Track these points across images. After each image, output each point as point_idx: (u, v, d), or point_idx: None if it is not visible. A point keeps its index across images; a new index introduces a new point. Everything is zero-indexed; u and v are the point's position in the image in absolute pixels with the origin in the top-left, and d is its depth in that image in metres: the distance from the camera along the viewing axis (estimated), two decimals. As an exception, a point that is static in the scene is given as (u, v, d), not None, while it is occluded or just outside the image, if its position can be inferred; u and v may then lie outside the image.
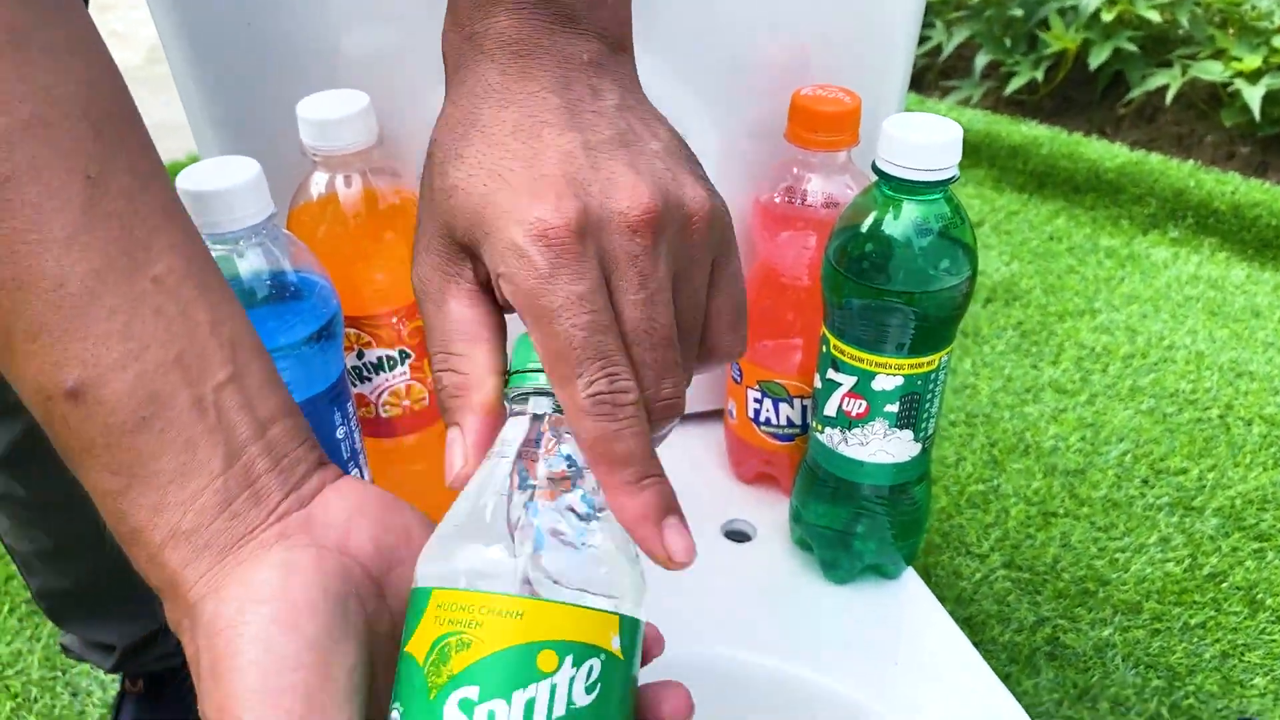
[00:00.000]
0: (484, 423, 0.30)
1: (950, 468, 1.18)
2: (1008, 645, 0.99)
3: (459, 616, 0.26)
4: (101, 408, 0.27)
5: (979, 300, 1.45)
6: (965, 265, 0.46)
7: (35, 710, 0.93)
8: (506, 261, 0.28)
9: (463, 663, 0.26)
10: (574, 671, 0.26)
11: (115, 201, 0.28)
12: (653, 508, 0.28)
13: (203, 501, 0.28)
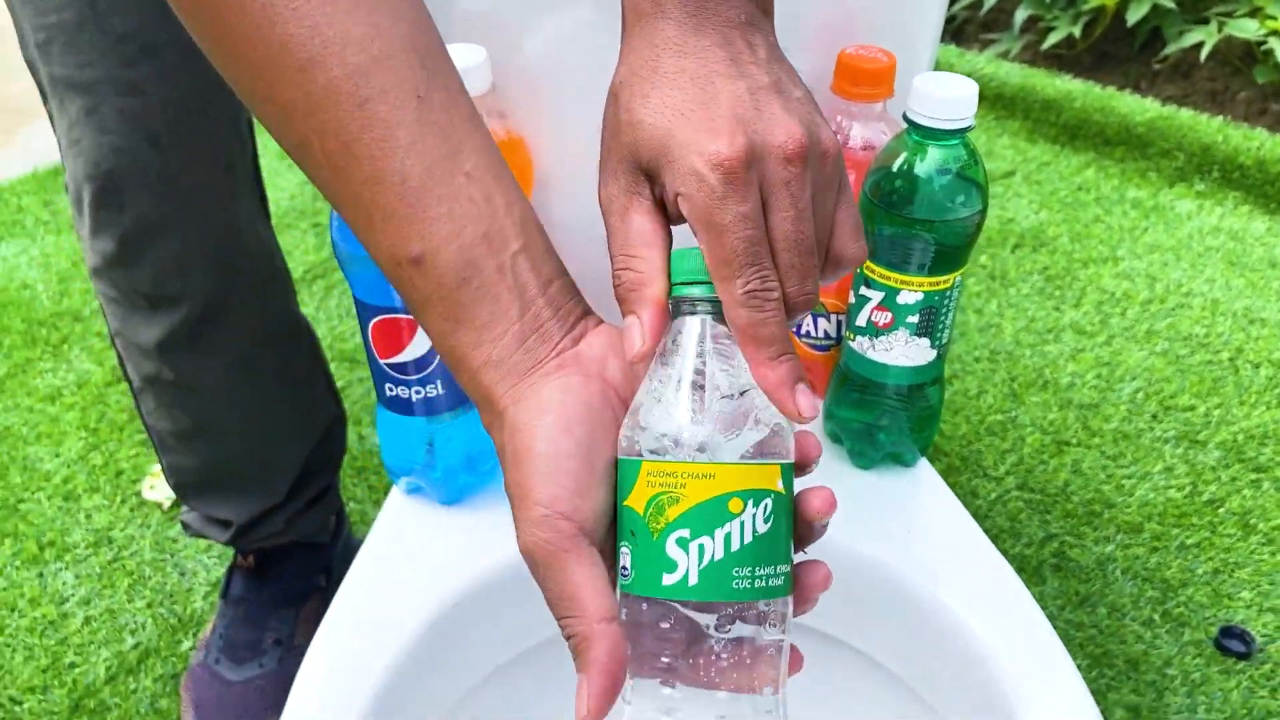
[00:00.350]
0: (657, 312, 0.38)
1: (973, 399, 1.28)
2: (1017, 557, 1.09)
3: (666, 480, 0.36)
4: (435, 272, 0.38)
5: (1008, 246, 1.53)
6: (978, 200, 0.56)
7: (149, 586, 1.06)
8: (687, 184, 0.37)
9: (675, 513, 0.36)
10: (755, 510, 0.37)
11: (437, 114, 0.37)
12: (788, 377, 0.37)
13: (506, 339, 0.38)
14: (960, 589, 0.57)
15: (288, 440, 0.86)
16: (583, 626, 0.36)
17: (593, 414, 0.38)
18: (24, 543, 1.10)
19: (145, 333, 0.76)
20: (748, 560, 0.36)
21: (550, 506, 0.36)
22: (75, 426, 1.23)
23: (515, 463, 0.37)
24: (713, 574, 0.36)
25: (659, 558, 0.36)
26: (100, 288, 0.76)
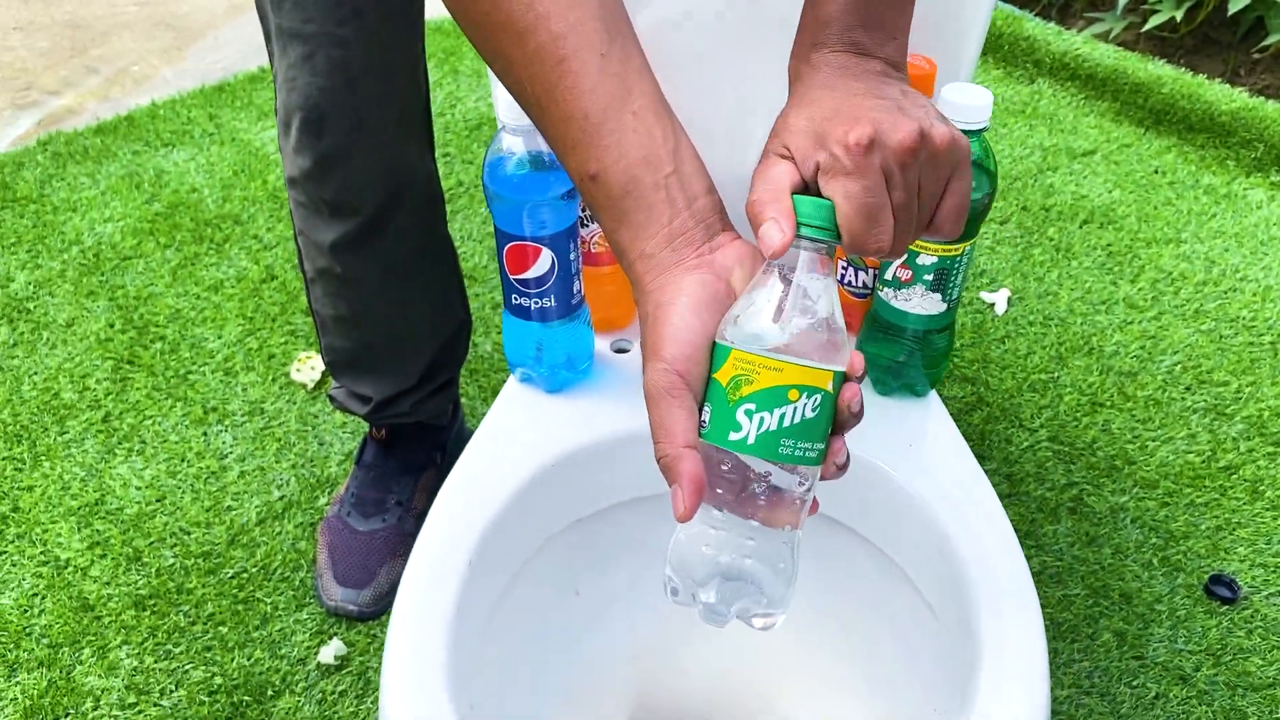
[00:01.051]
0: (789, 219, 0.49)
1: (1021, 358, 1.41)
2: (1038, 498, 1.23)
3: (745, 366, 0.50)
4: (606, 185, 0.51)
5: (1077, 221, 1.64)
6: (986, 186, 0.70)
7: (293, 451, 1.27)
8: (825, 159, 0.51)
9: (747, 390, 0.50)
10: (807, 400, 0.50)
11: (615, 67, 0.51)
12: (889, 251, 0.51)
13: (657, 239, 0.51)
14: (941, 492, 0.73)
15: (423, 335, 1.05)
16: (673, 450, 0.49)
17: (715, 304, 0.50)
18: (191, 407, 1.31)
19: (323, 234, 0.95)
20: (793, 435, 0.50)
21: (670, 363, 0.49)
22: (234, 315, 1.44)
23: (653, 328, 0.50)
24: (766, 439, 0.50)
25: (730, 420, 0.50)
26: (293, 194, 0.95)
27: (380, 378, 1.06)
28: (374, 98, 0.87)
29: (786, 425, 0.49)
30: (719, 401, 0.50)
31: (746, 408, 0.49)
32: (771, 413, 0.49)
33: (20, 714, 1.01)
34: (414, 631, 0.65)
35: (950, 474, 0.74)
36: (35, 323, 1.42)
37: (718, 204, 0.54)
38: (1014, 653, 0.64)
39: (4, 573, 1.13)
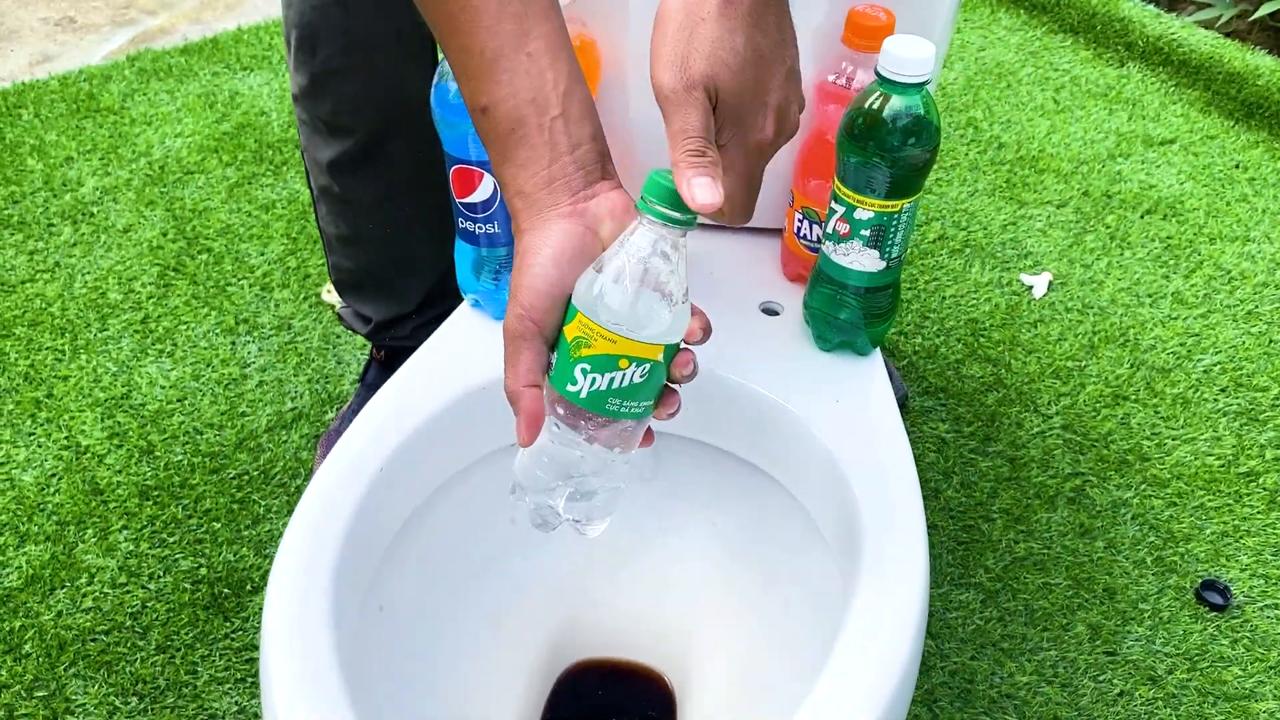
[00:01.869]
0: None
1: (1050, 344, 1.37)
2: (1038, 484, 1.20)
3: (585, 331, 0.53)
4: (494, 120, 0.54)
5: (1139, 210, 1.57)
6: (928, 141, 0.69)
7: (312, 367, 1.32)
8: (733, 140, 0.56)
9: (585, 353, 0.53)
10: (636, 369, 0.53)
11: (515, 7, 0.53)
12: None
13: (536, 180, 0.53)
14: (854, 451, 0.72)
15: (422, 261, 1.07)
16: (515, 387, 0.54)
17: (578, 257, 0.54)
18: (224, 317, 1.38)
19: (323, 152, 0.98)
20: (621, 396, 0.54)
21: (527, 310, 0.53)
22: (280, 234, 1.50)
23: (518, 271, 0.54)
24: (596, 397, 0.54)
25: (569, 373, 0.54)
26: (297, 111, 0.98)
27: (380, 300, 1.09)
28: (367, 18, 0.89)
29: (615, 388, 0.53)
30: (563, 355, 0.54)
31: (582, 366, 0.53)
32: (603, 375, 0.53)
33: (22, 581, 1.09)
34: (311, 528, 0.68)
35: (868, 435, 0.73)
36: (96, 226, 1.50)
37: (602, 152, 0.56)
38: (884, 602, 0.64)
39: (30, 452, 1.21)
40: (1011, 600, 1.09)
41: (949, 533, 1.15)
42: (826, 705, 0.59)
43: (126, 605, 1.07)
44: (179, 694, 1.00)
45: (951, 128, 1.73)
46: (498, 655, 0.81)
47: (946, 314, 1.41)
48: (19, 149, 1.63)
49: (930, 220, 1.55)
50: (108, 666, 1.02)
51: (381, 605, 0.74)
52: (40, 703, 0.99)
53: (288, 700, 0.58)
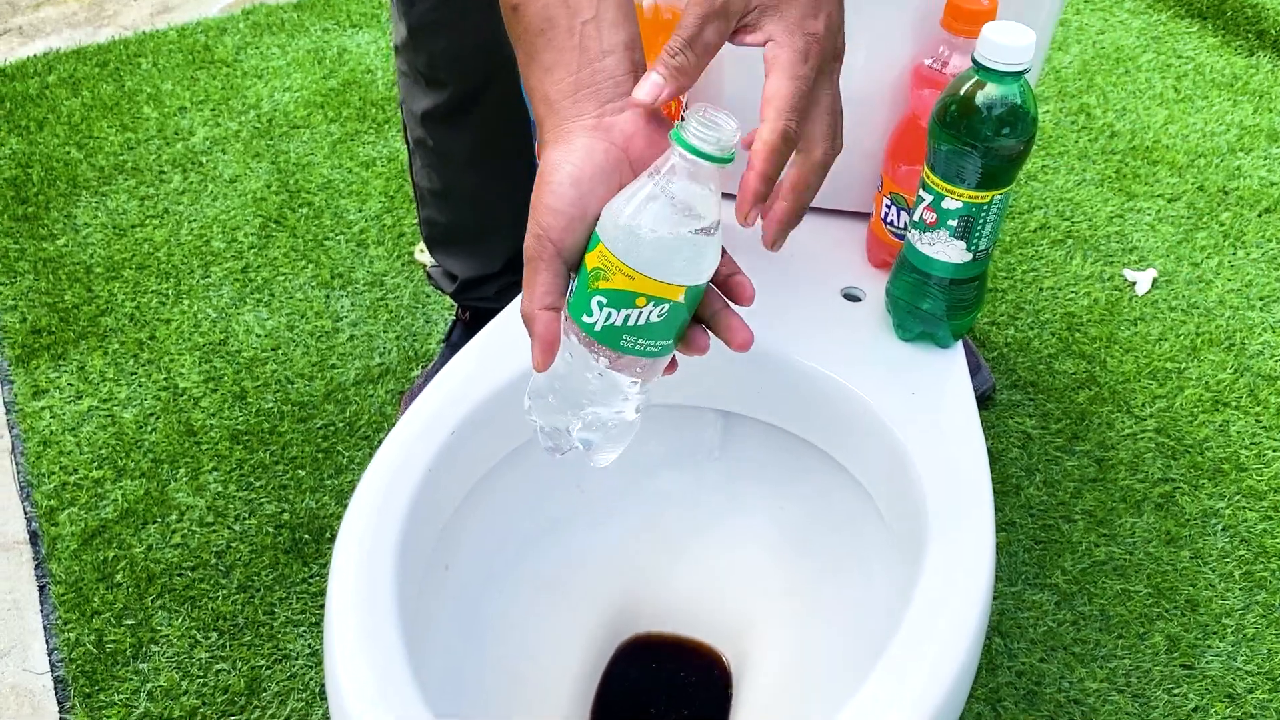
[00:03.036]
0: (677, 83, 0.50)
1: (1150, 343, 1.32)
2: (1125, 487, 1.17)
3: (605, 262, 0.51)
4: (524, 20, 0.51)
5: (1256, 208, 1.51)
6: (1023, 133, 0.67)
7: (401, 324, 1.34)
8: (788, 41, 0.51)
9: (602, 285, 0.51)
10: (654, 309, 0.51)
11: None
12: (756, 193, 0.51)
13: (562, 85, 0.51)
14: (926, 444, 0.71)
15: (507, 221, 1.08)
16: (530, 310, 0.52)
17: (601, 176, 0.50)
18: (320, 270, 1.41)
19: (419, 103, 1.00)
20: (637, 334, 0.52)
21: (544, 230, 0.51)
22: (378, 192, 1.53)
23: (538, 188, 0.51)
24: (610, 332, 0.52)
25: (585, 304, 0.52)
26: (397, 62, 1.00)
27: (466, 258, 1.11)
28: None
29: (631, 325, 0.52)
30: (581, 283, 0.52)
31: (599, 299, 0.51)
32: (618, 311, 0.51)
33: (118, 513, 1.14)
34: (384, 483, 0.69)
35: (942, 430, 0.72)
36: (204, 175, 1.55)
37: (636, 62, 0.53)
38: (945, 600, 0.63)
39: (131, 390, 1.26)
40: (1088, 604, 1.07)
41: (1027, 531, 1.13)
42: (877, 698, 0.58)
43: (212, 544, 1.11)
44: (256, 633, 1.04)
45: (1063, 114, 1.67)
46: (557, 623, 0.82)
47: (1042, 306, 1.37)
48: (136, 97, 1.69)
49: (1033, 209, 1.51)
50: (191, 601, 1.06)
51: (448, 564, 0.76)
52: (128, 630, 1.04)
53: (347, 642, 0.60)
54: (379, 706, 0.58)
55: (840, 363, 0.76)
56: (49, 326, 1.33)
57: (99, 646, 1.03)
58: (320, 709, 0.99)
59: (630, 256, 0.50)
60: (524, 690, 0.78)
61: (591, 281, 0.52)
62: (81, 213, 1.49)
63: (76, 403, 1.25)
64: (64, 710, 0.99)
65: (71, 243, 1.45)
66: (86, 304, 1.36)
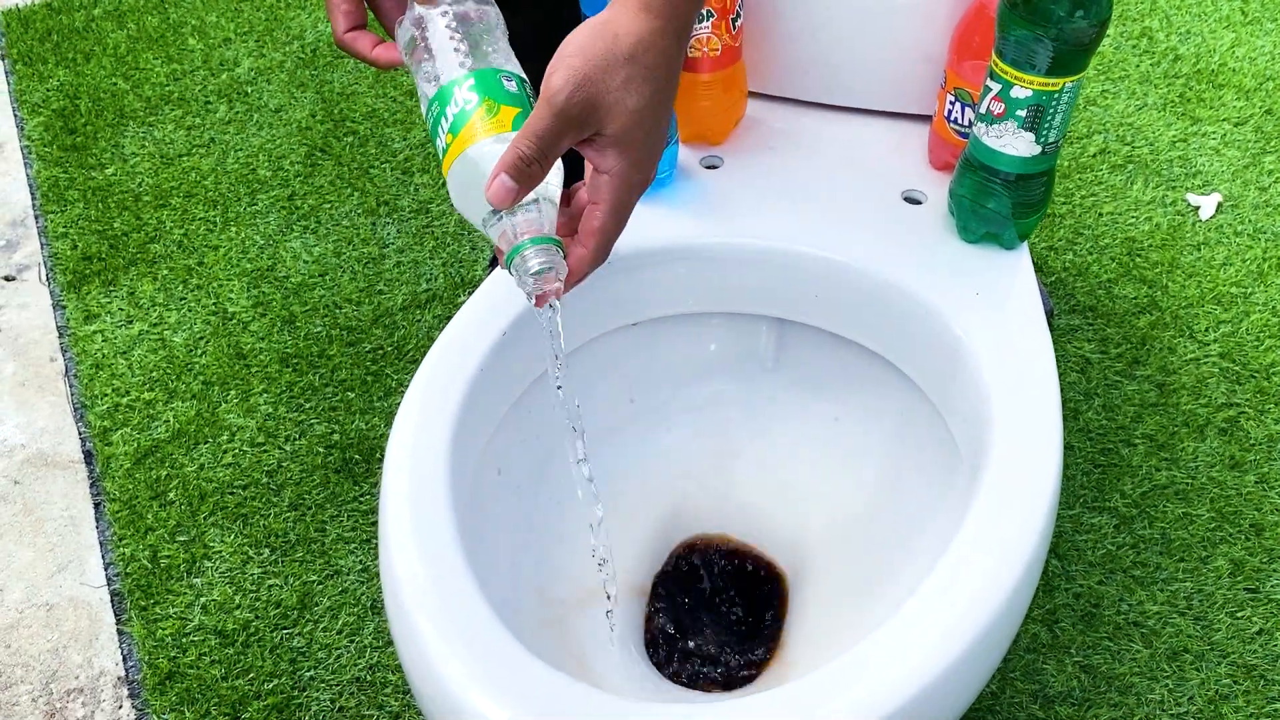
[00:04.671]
0: None
1: (1215, 268, 1.28)
2: (1187, 412, 1.14)
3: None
4: None
5: (1328, 132, 1.45)
6: (1098, 15, 0.64)
7: (447, 251, 1.34)
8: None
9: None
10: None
11: None
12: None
13: None
14: (991, 338, 0.69)
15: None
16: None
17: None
18: (366, 198, 1.40)
19: None
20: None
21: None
22: (422, 121, 1.51)
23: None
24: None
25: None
26: None
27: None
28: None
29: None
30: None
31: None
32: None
33: (170, 434, 1.14)
34: (434, 383, 0.68)
35: (1008, 331, 0.70)
36: (249, 105, 1.54)
37: None
38: (1008, 507, 0.61)
39: (181, 315, 1.26)
40: (1148, 528, 1.04)
41: (1085, 454, 1.10)
42: (928, 608, 0.57)
43: (263, 464, 1.11)
44: (308, 549, 1.04)
45: (1123, 37, 1.62)
46: (610, 526, 0.81)
47: (1102, 231, 1.33)
48: (181, 29, 1.68)
49: (1092, 134, 1.46)
50: (243, 519, 1.07)
51: (500, 468, 0.75)
52: (181, 546, 1.05)
53: (403, 534, 0.59)
54: (434, 599, 0.57)
55: (900, 265, 0.74)
56: (99, 253, 1.34)
57: (153, 561, 1.04)
58: (371, 623, 0.99)
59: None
60: (577, 590, 0.78)
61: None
62: (129, 142, 1.49)
63: (127, 327, 1.25)
64: (120, 622, 1.01)
65: (120, 172, 1.45)
66: (135, 231, 1.37)
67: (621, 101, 0.53)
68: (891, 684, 0.54)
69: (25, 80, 1.60)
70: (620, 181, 0.55)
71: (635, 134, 0.54)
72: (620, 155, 0.55)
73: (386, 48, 0.62)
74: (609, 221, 0.56)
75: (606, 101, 0.53)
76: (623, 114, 0.54)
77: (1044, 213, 0.74)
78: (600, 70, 0.53)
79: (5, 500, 1.10)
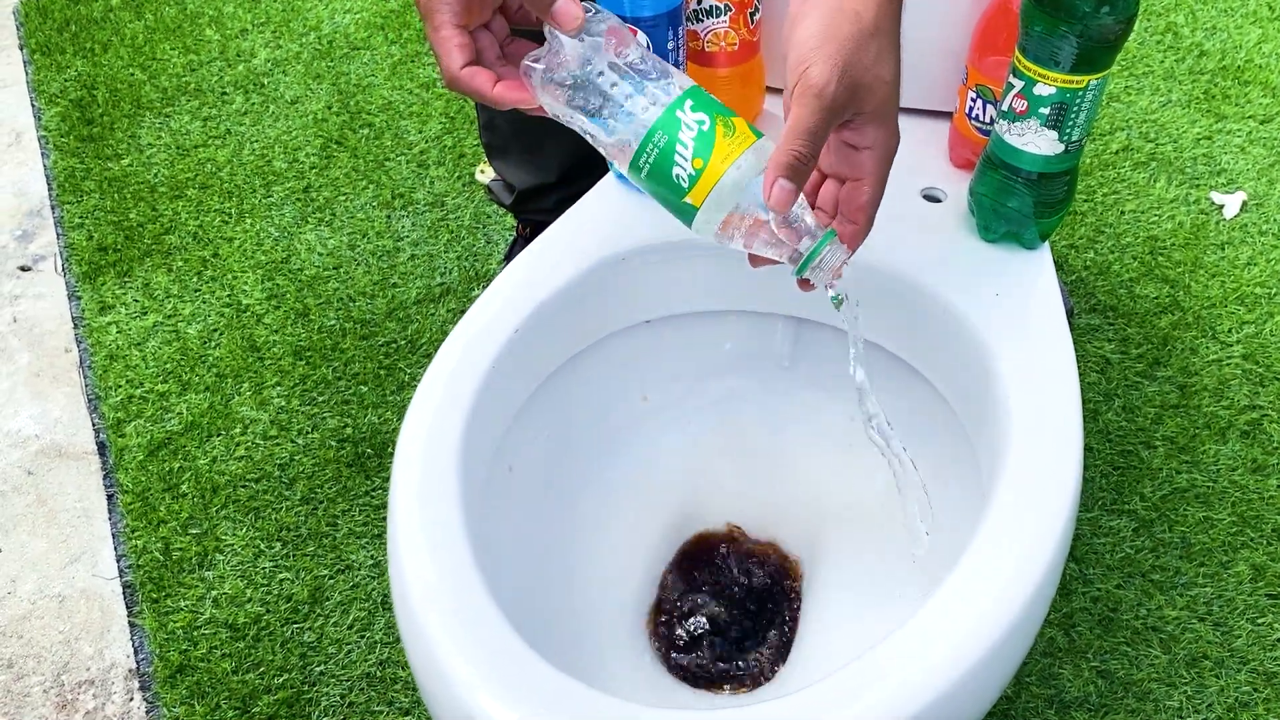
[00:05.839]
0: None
1: (1238, 268, 1.26)
2: (1209, 414, 1.12)
3: None
4: None
5: (1356, 130, 1.43)
6: (1124, 11, 0.62)
7: (462, 244, 1.33)
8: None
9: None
10: None
11: None
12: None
13: None
14: (1010, 339, 0.68)
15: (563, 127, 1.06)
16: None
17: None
18: (381, 191, 1.40)
19: None
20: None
21: None
22: (438, 113, 1.51)
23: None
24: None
25: None
26: None
27: (524, 167, 1.09)
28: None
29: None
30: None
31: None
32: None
33: (183, 426, 1.14)
34: (445, 381, 0.68)
35: (1027, 332, 0.69)
36: (266, 96, 1.54)
37: None
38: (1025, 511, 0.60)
39: (195, 307, 1.26)
40: (1168, 532, 1.03)
41: (1104, 456, 1.09)
42: (943, 615, 0.56)
43: (275, 457, 1.11)
44: (319, 543, 1.04)
45: (1148, 33, 1.60)
46: (621, 525, 0.81)
47: (1124, 230, 1.32)
48: (199, 19, 1.68)
49: (1114, 130, 1.44)
50: (255, 512, 1.07)
51: (511, 465, 0.74)
52: (193, 539, 1.05)
53: (412, 531, 0.59)
54: (442, 596, 0.57)
55: (919, 264, 0.73)
56: (114, 244, 1.34)
57: (165, 554, 1.04)
58: (381, 619, 0.99)
59: None
60: (586, 586, 0.77)
61: None
62: (145, 133, 1.49)
63: (142, 318, 1.25)
64: (132, 614, 1.01)
65: (136, 163, 1.45)
66: (151, 222, 1.37)
67: (879, 78, 0.54)
68: (907, 690, 0.53)
69: (43, 70, 1.60)
70: (883, 153, 0.56)
71: (891, 105, 0.55)
72: (880, 128, 0.55)
73: (508, 86, 0.57)
74: (877, 193, 0.57)
75: (865, 82, 0.53)
76: (880, 89, 0.54)
77: (1066, 212, 0.73)
78: (855, 53, 0.52)
79: (19, 491, 1.11)
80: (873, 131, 0.55)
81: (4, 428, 1.16)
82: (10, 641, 0.99)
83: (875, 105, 0.54)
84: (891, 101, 0.55)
